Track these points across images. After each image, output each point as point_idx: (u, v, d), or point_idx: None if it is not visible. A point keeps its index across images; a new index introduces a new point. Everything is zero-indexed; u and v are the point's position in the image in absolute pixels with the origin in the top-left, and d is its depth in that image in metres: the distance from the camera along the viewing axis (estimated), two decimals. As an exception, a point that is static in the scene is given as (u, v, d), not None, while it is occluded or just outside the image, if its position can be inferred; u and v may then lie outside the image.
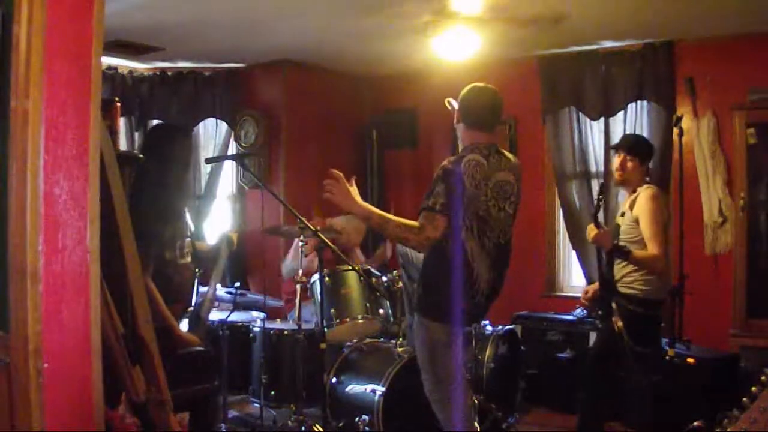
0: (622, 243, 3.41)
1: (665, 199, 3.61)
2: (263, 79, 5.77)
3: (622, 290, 3.44)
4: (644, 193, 3.47)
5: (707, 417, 2.53)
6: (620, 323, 3.40)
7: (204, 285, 3.34)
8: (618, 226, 3.57)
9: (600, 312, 3.56)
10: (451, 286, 2.75)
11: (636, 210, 3.45)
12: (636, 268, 3.42)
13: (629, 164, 3.56)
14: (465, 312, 2.81)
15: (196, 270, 3.14)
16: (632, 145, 3.64)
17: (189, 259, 2.99)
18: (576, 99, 5.07)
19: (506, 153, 2.97)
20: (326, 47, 5.15)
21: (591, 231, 3.43)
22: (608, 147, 5.00)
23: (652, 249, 3.32)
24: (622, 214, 3.58)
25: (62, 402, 1.68)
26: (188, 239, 3.01)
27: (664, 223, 3.47)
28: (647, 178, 3.63)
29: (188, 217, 3.10)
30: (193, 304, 3.17)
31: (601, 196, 3.52)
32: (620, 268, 3.47)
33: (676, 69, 4.71)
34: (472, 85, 3.00)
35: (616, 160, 3.65)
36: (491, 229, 2.82)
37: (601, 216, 3.64)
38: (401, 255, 3.20)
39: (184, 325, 3.07)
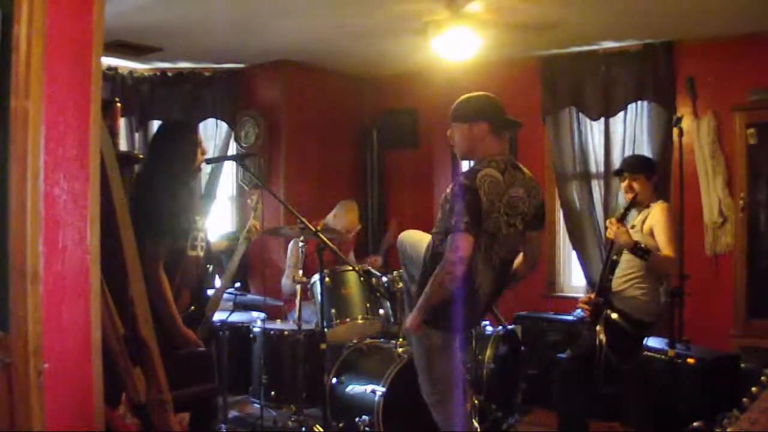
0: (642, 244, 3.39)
1: (673, 212, 3.62)
2: (263, 79, 5.78)
3: (617, 305, 3.43)
4: (658, 206, 3.47)
5: (707, 417, 2.54)
6: (602, 336, 3.39)
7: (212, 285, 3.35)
8: None
9: (591, 318, 3.54)
10: (451, 295, 2.72)
11: (650, 221, 3.43)
12: (636, 283, 3.41)
13: (635, 184, 3.54)
14: (463, 321, 2.80)
15: (208, 266, 3.14)
16: (632, 164, 3.64)
17: (200, 252, 3.00)
18: (576, 99, 5.07)
19: (522, 168, 2.88)
20: (326, 47, 5.15)
21: (612, 225, 3.39)
22: (608, 147, 5.02)
23: (668, 252, 3.31)
24: (632, 227, 3.54)
25: (62, 402, 1.67)
26: (202, 233, 3.02)
27: (676, 232, 3.46)
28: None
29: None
30: (201, 301, 3.17)
31: (630, 204, 3.51)
32: (621, 282, 3.46)
33: (676, 69, 4.71)
34: (469, 95, 2.89)
35: (622, 185, 3.63)
36: (500, 246, 2.76)
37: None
38: (402, 253, 3.19)
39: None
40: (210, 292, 3.29)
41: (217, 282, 3.44)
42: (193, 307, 3.01)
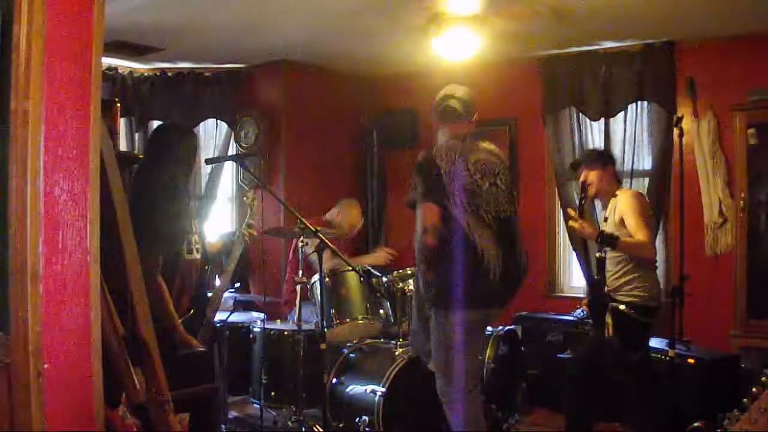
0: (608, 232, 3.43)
1: (645, 198, 3.71)
2: (263, 80, 5.77)
3: (621, 299, 3.46)
4: (624, 194, 3.55)
5: (708, 417, 2.54)
6: (611, 331, 3.41)
7: (212, 286, 3.34)
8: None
9: (592, 317, 3.56)
10: (456, 264, 2.77)
11: (618, 210, 3.50)
12: (632, 275, 3.44)
13: (591, 175, 3.62)
14: (480, 294, 2.80)
15: (206, 267, 3.14)
16: (585, 157, 3.77)
17: (198, 255, 2.99)
18: (576, 99, 5.07)
19: (485, 142, 3.03)
20: (326, 47, 5.15)
21: (575, 223, 3.47)
22: (608, 148, 5.01)
23: (639, 237, 3.36)
24: (605, 220, 3.61)
25: (62, 402, 1.67)
26: (197, 236, 3.02)
27: (649, 217, 3.49)
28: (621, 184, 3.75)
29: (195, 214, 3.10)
30: (200, 303, 3.16)
31: (584, 194, 3.61)
32: (617, 278, 3.48)
33: (676, 69, 4.71)
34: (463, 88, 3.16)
35: (581, 179, 3.70)
36: (486, 202, 2.84)
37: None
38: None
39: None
40: (209, 293, 3.29)
41: (217, 282, 3.43)
42: (192, 311, 3.01)
